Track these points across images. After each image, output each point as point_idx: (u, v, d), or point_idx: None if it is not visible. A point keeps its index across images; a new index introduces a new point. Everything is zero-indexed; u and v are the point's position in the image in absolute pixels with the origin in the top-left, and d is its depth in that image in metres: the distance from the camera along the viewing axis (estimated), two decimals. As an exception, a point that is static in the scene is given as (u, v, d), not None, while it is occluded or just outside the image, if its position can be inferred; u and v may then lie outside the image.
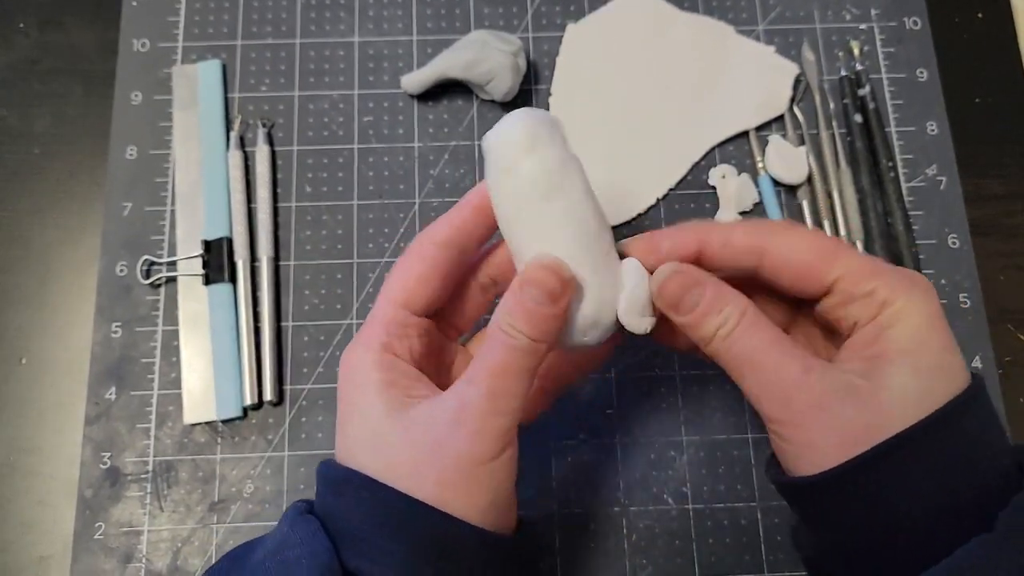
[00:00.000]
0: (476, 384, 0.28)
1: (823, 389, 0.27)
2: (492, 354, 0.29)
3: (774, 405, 0.29)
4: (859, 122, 0.47)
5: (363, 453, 0.29)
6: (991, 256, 0.46)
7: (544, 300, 0.29)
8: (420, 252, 0.32)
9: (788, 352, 0.28)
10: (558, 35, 0.50)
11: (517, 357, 0.29)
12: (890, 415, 0.27)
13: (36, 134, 0.48)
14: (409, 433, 0.28)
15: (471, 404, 0.28)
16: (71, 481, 0.42)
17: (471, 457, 0.28)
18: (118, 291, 0.45)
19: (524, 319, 0.29)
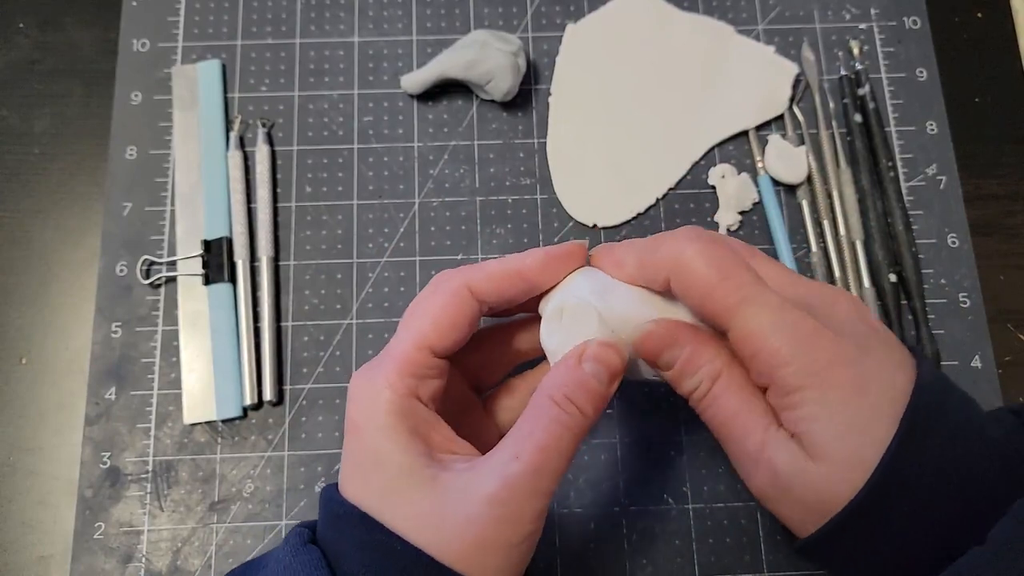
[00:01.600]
0: (522, 462, 0.27)
1: (777, 467, 0.27)
2: (543, 430, 0.27)
3: (743, 474, 0.29)
4: (859, 122, 0.47)
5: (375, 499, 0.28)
6: (991, 256, 0.46)
7: (607, 379, 0.29)
8: (456, 294, 0.30)
9: (749, 425, 0.28)
10: (558, 35, 0.50)
11: (569, 435, 0.28)
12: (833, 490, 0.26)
13: (36, 134, 0.48)
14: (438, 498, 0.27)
15: (515, 485, 0.26)
16: (71, 481, 0.42)
17: (505, 540, 0.26)
18: (118, 291, 0.45)
19: (585, 396, 0.28)
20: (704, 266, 0.28)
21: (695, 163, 0.47)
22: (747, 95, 0.48)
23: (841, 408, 0.27)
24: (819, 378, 0.27)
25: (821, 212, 0.46)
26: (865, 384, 0.27)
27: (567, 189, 0.47)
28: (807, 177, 0.47)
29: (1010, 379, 0.44)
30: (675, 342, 0.29)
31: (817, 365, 0.27)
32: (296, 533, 0.29)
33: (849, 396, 0.27)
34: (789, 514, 0.28)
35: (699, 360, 0.29)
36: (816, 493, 0.27)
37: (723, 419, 0.29)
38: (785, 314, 0.28)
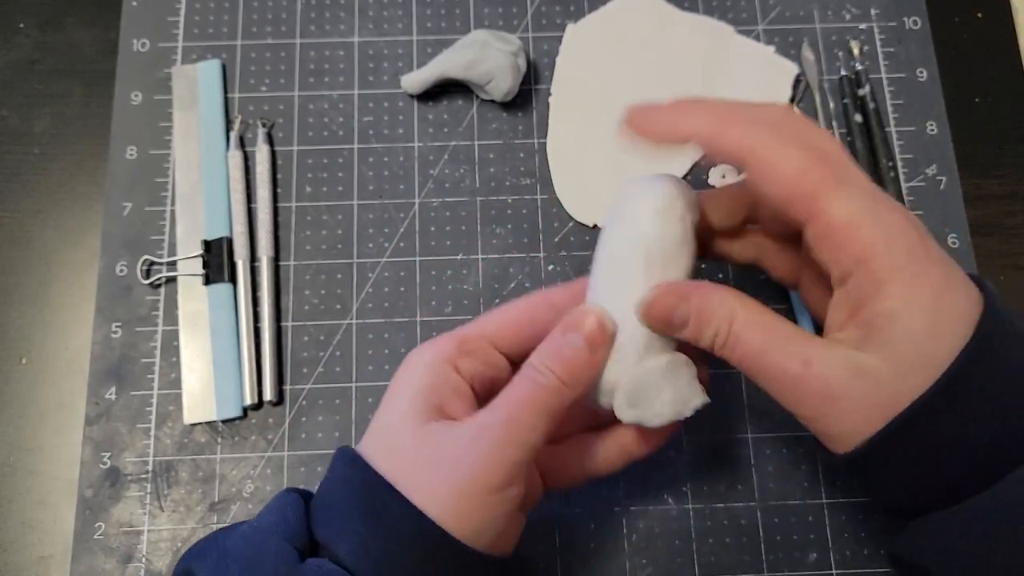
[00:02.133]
0: (494, 411, 0.29)
1: (827, 379, 0.27)
2: (517, 387, 0.30)
3: (789, 402, 0.28)
4: (859, 122, 0.47)
5: (372, 442, 0.30)
6: (991, 256, 0.46)
7: (581, 345, 0.29)
8: (531, 304, 0.33)
9: (784, 350, 0.28)
10: (558, 35, 0.50)
11: (541, 394, 0.29)
12: (899, 388, 0.26)
13: (36, 134, 0.48)
14: (421, 443, 0.29)
15: (487, 428, 0.28)
16: (71, 481, 0.42)
17: (475, 482, 0.28)
18: (118, 291, 0.45)
19: (558, 360, 0.29)
20: (793, 151, 0.27)
21: (695, 163, 0.47)
22: (747, 95, 0.48)
23: (927, 306, 0.26)
24: (910, 273, 0.26)
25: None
26: (950, 287, 0.27)
27: (567, 189, 0.47)
28: None
29: (1010, 379, 0.44)
30: (681, 297, 0.29)
31: (910, 260, 0.26)
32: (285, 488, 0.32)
33: (935, 295, 0.26)
34: (842, 425, 0.27)
35: (710, 306, 0.29)
36: (881, 390, 0.26)
37: (754, 354, 0.28)
38: (879, 206, 0.27)
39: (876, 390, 0.26)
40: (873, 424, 0.27)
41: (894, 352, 0.26)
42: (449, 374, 0.31)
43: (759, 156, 0.28)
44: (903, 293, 0.26)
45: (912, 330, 0.26)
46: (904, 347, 0.26)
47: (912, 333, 0.26)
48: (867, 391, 0.26)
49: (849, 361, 0.27)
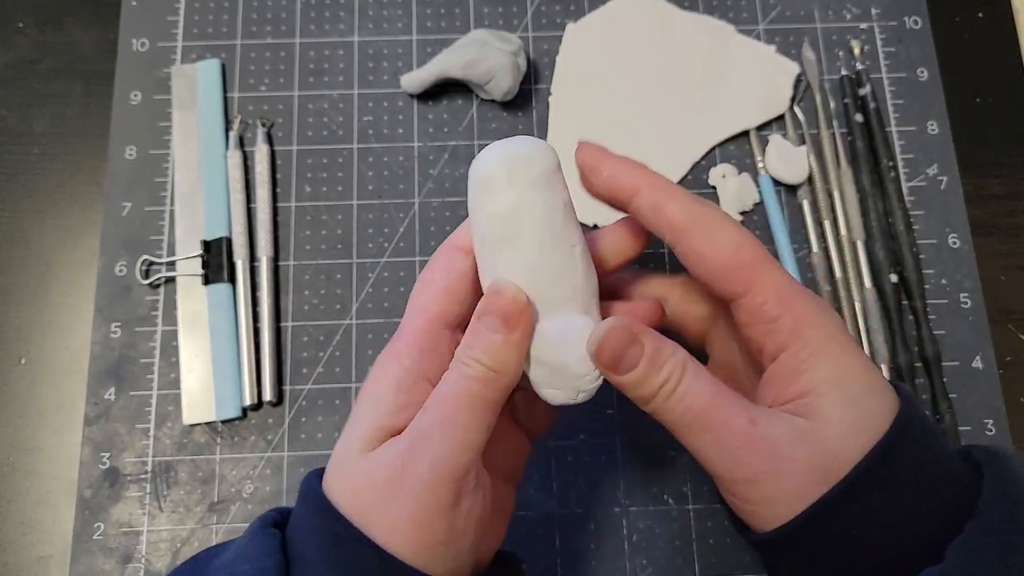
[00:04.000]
0: (427, 415, 0.27)
1: (773, 440, 0.26)
2: (447, 385, 0.27)
3: (726, 463, 0.27)
4: (860, 122, 0.47)
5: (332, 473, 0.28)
6: (992, 256, 0.46)
7: (498, 326, 0.27)
8: (451, 261, 0.30)
9: (732, 405, 0.27)
10: (558, 35, 0.50)
11: (473, 386, 0.27)
12: (840, 451, 0.26)
13: (36, 134, 0.47)
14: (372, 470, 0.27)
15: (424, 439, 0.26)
16: (70, 481, 0.42)
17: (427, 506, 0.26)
18: (117, 291, 0.44)
19: (480, 347, 0.27)
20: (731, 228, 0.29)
21: (696, 163, 0.47)
22: (748, 95, 0.48)
23: (861, 373, 0.27)
24: (841, 343, 0.28)
25: (822, 212, 0.46)
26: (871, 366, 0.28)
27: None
28: (808, 177, 0.47)
29: (1011, 379, 0.44)
30: (635, 339, 0.28)
31: (839, 332, 0.28)
32: (260, 517, 0.29)
33: (863, 366, 0.28)
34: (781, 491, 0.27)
35: (665, 351, 0.28)
36: (823, 456, 0.26)
37: (700, 408, 0.27)
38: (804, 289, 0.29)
39: (819, 453, 0.26)
40: (815, 488, 0.26)
41: (836, 418, 0.26)
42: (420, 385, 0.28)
43: (698, 228, 0.29)
44: (839, 361, 0.27)
45: (852, 396, 0.27)
46: (846, 413, 0.27)
47: (852, 399, 0.27)
48: (810, 454, 0.26)
49: (792, 424, 0.27)
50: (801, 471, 0.26)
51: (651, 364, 0.28)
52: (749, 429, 0.27)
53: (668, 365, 0.28)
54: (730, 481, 0.28)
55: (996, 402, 0.43)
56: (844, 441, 0.26)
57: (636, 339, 0.28)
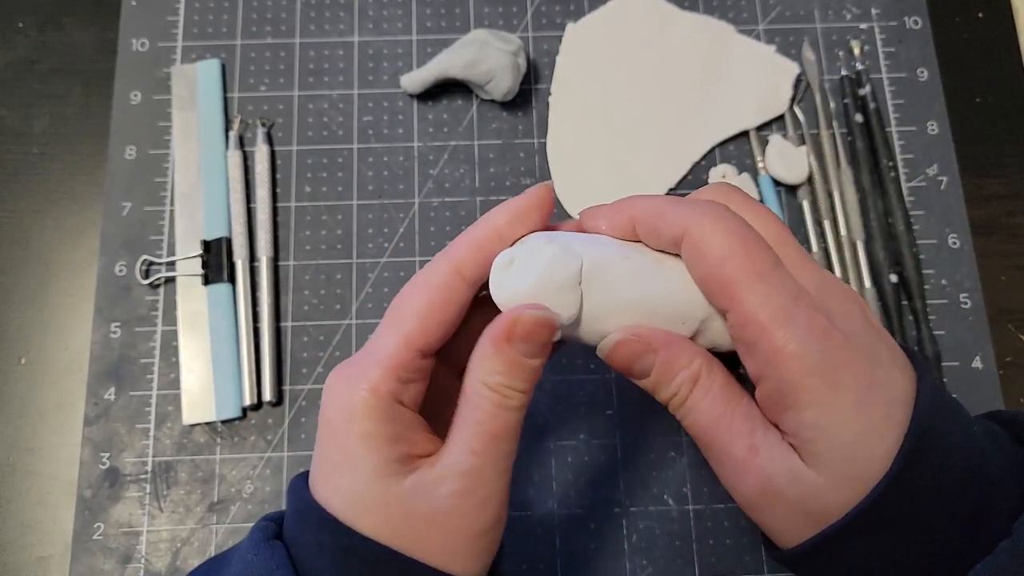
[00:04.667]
0: (479, 455, 0.26)
1: (768, 475, 0.26)
2: (491, 419, 0.26)
3: (728, 482, 0.27)
4: (860, 122, 0.47)
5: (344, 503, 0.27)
6: (992, 256, 0.46)
7: (540, 353, 0.27)
8: (446, 287, 0.28)
9: (735, 429, 0.27)
10: (558, 35, 0.50)
11: (513, 417, 0.27)
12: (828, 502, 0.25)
13: (35, 134, 0.47)
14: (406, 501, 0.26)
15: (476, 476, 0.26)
16: (70, 481, 0.42)
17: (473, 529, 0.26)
18: (117, 291, 0.44)
19: (519, 376, 0.26)
20: (719, 237, 0.26)
21: (696, 163, 0.47)
22: (748, 95, 0.48)
23: (850, 416, 0.25)
24: (829, 380, 0.25)
25: (822, 212, 0.46)
26: (874, 393, 0.25)
27: (567, 189, 0.47)
28: (808, 177, 0.47)
29: (1011, 380, 0.44)
30: (647, 348, 0.28)
31: (828, 365, 0.25)
32: (260, 528, 0.28)
33: (857, 404, 0.25)
34: (777, 523, 0.27)
35: (676, 365, 0.28)
36: (812, 502, 0.25)
37: (706, 425, 0.27)
38: (799, 306, 0.25)
39: (808, 499, 0.25)
40: (804, 531, 0.26)
41: (822, 463, 0.25)
42: (403, 415, 0.27)
43: (689, 238, 0.27)
44: (820, 400, 0.25)
45: (836, 441, 0.25)
46: (831, 458, 0.25)
47: (836, 443, 0.25)
48: (802, 498, 0.25)
49: (789, 463, 0.26)
50: (792, 512, 0.26)
51: (662, 374, 0.28)
52: (748, 457, 0.26)
53: (679, 378, 0.28)
54: (734, 497, 0.28)
55: (996, 402, 0.43)
56: (833, 492, 0.25)
57: (649, 348, 0.28)
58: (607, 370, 0.44)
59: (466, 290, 0.28)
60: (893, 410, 0.25)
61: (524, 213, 0.29)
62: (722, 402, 0.27)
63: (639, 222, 0.28)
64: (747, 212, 0.28)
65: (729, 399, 0.27)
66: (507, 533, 0.41)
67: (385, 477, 0.26)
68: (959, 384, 0.44)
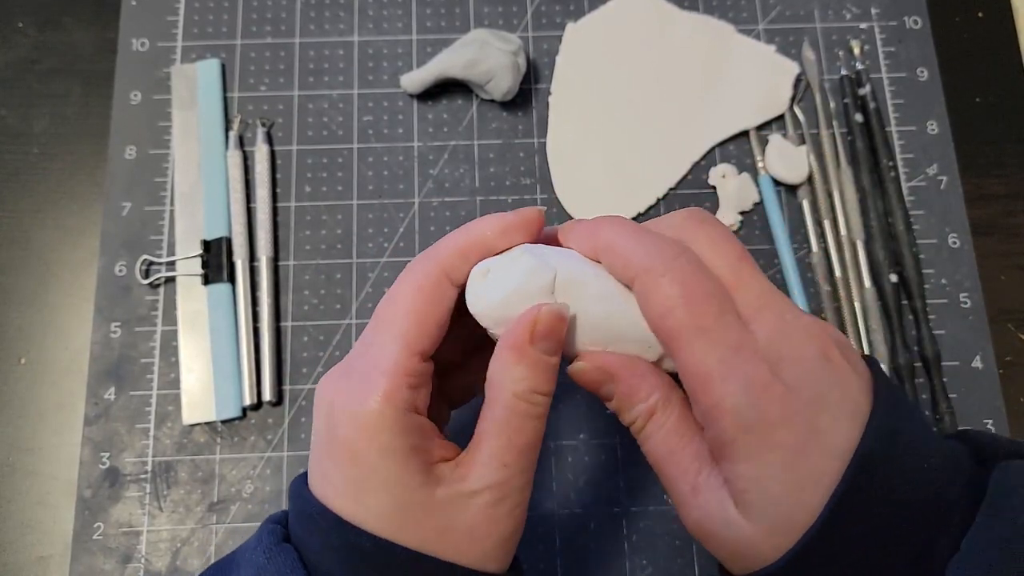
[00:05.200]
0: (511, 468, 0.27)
1: (705, 515, 0.27)
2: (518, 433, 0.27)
3: (678, 512, 0.28)
4: (860, 121, 0.47)
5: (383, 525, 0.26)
6: (992, 256, 0.46)
7: (556, 349, 0.27)
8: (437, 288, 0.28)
9: (682, 467, 0.27)
10: (558, 34, 0.50)
11: (540, 427, 0.28)
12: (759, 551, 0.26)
13: (35, 134, 0.47)
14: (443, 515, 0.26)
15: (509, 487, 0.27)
16: (70, 481, 0.42)
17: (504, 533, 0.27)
18: (117, 291, 0.44)
19: (543, 377, 0.27)
20: (664, 289, 0.26)
21: (696, 163, 0.47)
22: (748, 95, 0.48)
23: (778, 471, 0.25)
24: (761, 438, 0.25)
25: (822, 212, 0.46)
26: (809, 446, 0.25)
27: (567, 189, 0.47)
28: (808, 177, 0.47)
29: (1010, 379, 0.44)
30: (609, 376, 0.29)
31: (762, 422, 0.25)
32: (269, 531, 0.28)
33: (789, 460, 0.25)
34: (716, 554, 0.28)
35: (634, 398, 0.28)
36: (744, 548, 0.26)
37: (657, 457, 0.28)
38: (739, 360, 0.25)
39: (740, 544, 0.26)
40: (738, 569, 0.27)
41: (753, 514, 0.25)
42: (420, 424, 0.27)
43: (639, 285, 0.27)
44: (754, 456, 0.25)
45: (766, 495, 0.25)
46: (761, 510, 0.25)
47: (767, 498, 0.25)
48: (734, 542, 0.26)
49: (724, 510, 0.26)
50: (726, 552, 0.27)
51: (621, 402, 0.29)
52: (689, 496, 0.27)
53: (635, 409, 0.29)
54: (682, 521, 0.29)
55: (996, 402, 0.43)
56: (763, 541, 0.25)
57: (611, 379, 0.29)
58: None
59: (454, 293, 0.28)
60: (827, 463, 0.25)
61: (513, 228, 0.29)
62: (674, 439, 0.28)
63: (601, 252, 0.28)
64: (706, 245, 0.28)
65: (681, 436, 0.28)
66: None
67: (413, 491, 0.26)
68: (959, 384, 0.44)
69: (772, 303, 0.27)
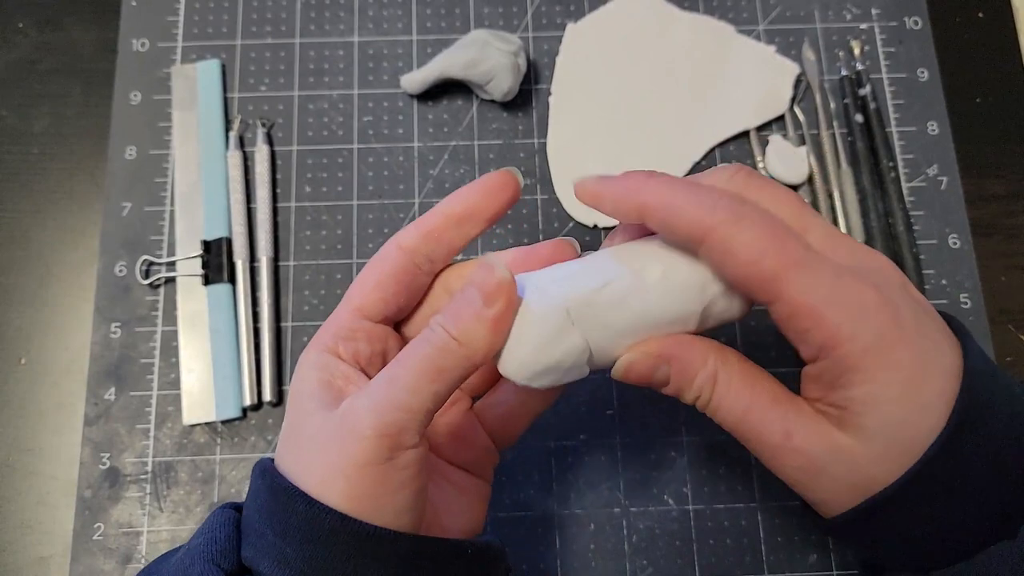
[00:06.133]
0: (376, 377, 0.27)
1: (807, 454, 0.26)
2: (406, 348, 0.27)
3: (769, 465, 0.28)
4: (860, 122, 0.47)
5: (281, 447, 0.29)
6: (992, 256, 0.46)
7: (476, 299, 0.27)
8: (383, 256, 0.31)
9: (765, 418, 0.27)
10: (558, 35, 0.50)
11: (432, 353, 0.26)
12: (874, 475, 0.26)
13: (35, 134, 0.47)
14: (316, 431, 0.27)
15: (364, 396, 0.26)
16: (70, 481, 0.42)
17: (355, 456, 0.26)
18: (117, 291, 0.44)
19: (451, 315, 0.27)
20: (747, 236, 0.25)
21: (696, 163, 0.47)
22: (748, 95, 0.48)
23: (901, 392, 0.25)
24: (881, 358, 0.25)
25: (822, 212, 0.46)
26: (924, 367, 0.25)
27: (567, 189, 0.47)
28: (808, 177, 0.47)
29: (1011, 380, 0.44)
30: (660, 358, 0.28)
31: (880, 343, 0.25)
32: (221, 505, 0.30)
33: (909, 379, 0.25)
34: (822, 495, 0.27)
35: (691, 370, 0.28)
36: (857, 473, 0.26)
37: (736, 419, 0.28)
38: (844, 284, 0.25)
39: (853, 471, 0.26)
40: (850, 501, 0.26)
41: (869, 437, 0.25)
42: (335, 364, 0.29)
43: (714, 239, 0.26)
44: (874, 379, 0.25)
45: (886, 417, 0.25)
46: (879, 433, 0.25)
47: (886, 420, 0.25)
48: (845, 471, 0.26)
49: (828, 438, 0.26)
50: (836, 484, 0.26)
51: (680, 379, 0.28)
52: (784, 443, 0.27)
53: (698, 380, 0.28)
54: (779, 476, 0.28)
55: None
56: (878, 464, 0.25)
57: (661, 359, 0.28)
58: (607, 370, 0.44)
59: (404, 261, 0.31)
60: (942, 383, 0.25)
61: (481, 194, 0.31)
62: (746, 393, 0.28)
63: (650, 215, 0.27)
64: (766, 197, 0.28)
65: (752, 387, 0.28)
66: (507, 533, 0.41)
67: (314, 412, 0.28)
68: (959, 384, 0.44)
69: (842, 240, 0.28)
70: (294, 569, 0.26)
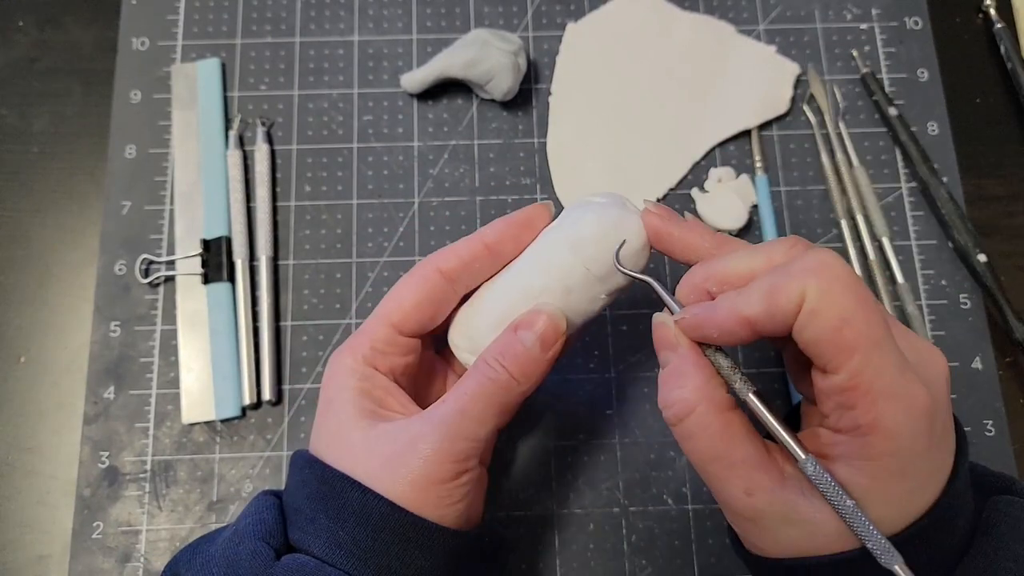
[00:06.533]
0: (446, 404, 0.30)
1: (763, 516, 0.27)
2: (469, 381, 0.31)
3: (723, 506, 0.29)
4: (895, 115, 0.47)
5: (326, 446, 0.31)
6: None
7: (534, 342, 0.31)
8: (424, 277, 0.33)
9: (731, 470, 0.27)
10: (558, 34, 0.50)
11: (491, 387, 0.30)
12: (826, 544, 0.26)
13: (35, 133, 0.47)
14: (374, 443, 0.30)
15: (439, 423, 0.30)
16: (70, 480, 0.42)
17: (430, 476, 0.29)
18: (117, 290, 0.44)
19: (510, 357, 0.31)
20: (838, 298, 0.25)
21: (696, 163, 0.47)
22: (748, 95, 0.48)
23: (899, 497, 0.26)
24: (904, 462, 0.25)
25: (840, 215, 0.46)
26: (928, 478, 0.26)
27: (567, 189, 0.47)
28: (746, 223, 0.45)
29: (1010, 381, 0.44)
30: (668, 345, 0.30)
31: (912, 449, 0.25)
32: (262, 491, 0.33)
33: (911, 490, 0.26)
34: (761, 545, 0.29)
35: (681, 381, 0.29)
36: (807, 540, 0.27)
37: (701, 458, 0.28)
38: (905, 381, 0.25)
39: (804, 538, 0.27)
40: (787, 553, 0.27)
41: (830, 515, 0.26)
42: (374, 375, 0.32)
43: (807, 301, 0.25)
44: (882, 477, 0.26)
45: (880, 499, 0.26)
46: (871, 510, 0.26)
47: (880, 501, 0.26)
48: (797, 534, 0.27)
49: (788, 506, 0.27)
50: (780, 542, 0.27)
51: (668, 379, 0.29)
52: (742, 500, 0.27)
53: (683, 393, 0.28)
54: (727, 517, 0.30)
55: (996, 403, 0.43)
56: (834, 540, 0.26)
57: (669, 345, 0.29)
58: (607, 370, 0.44)
59: (443, 285, 0.33)
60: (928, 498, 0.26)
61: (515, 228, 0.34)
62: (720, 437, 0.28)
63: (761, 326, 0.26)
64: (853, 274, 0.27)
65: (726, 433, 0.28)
66: (507, 532, 0.41)
67: (357, 419, 0.31)
68: (959, 385, 0.44)
69: (896, 323, 0.28)
70: (345, 550, 0.29)
